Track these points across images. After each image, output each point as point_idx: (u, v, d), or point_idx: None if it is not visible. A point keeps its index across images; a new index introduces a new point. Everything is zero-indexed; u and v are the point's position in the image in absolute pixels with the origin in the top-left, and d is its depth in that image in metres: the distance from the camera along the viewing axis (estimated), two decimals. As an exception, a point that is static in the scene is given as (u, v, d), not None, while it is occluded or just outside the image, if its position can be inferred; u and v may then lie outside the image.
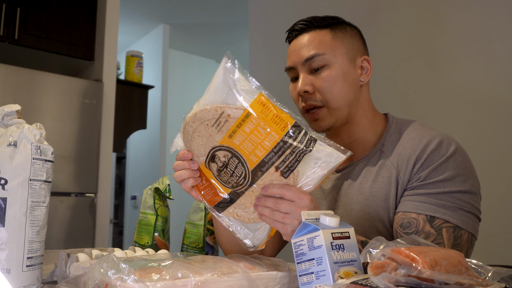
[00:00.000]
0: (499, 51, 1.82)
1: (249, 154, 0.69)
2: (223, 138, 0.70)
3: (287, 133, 0.66)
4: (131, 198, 4.66)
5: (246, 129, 0.68)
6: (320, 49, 0.96)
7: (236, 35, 4.65)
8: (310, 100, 0.96)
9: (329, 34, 0.98)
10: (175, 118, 4.58)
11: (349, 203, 0.97)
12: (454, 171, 0.87)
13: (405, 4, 2.17)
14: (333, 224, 0.62)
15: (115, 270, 0.58)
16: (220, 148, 0.71)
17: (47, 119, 2.44)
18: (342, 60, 0.97)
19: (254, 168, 0.70)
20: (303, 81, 0.96)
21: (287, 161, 0.68)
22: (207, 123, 0.70)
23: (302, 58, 0.96)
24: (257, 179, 0.71)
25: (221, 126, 0.69)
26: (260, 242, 0.78)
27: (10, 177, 0.70)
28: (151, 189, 1.12)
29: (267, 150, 0.68)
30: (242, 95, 0.68)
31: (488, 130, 1.82)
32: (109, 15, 2.80)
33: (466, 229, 0.85)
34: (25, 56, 2.69)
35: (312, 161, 0.70)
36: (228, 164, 0.72)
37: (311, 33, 0.98)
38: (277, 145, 0.67)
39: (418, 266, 0.47)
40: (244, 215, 0.77)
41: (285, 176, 0.69)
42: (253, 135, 0.68)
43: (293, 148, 0.67)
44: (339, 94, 0.95)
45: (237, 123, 0.68)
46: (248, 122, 0.67)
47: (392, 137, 0.97)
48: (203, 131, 0.71)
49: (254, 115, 0.67)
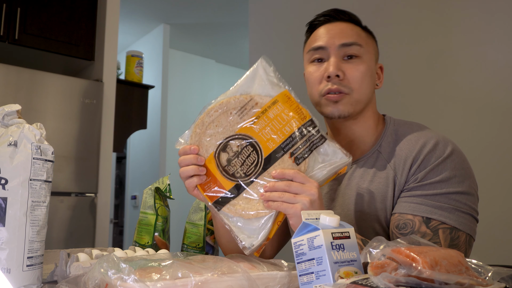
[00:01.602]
0: (499, 52, 1.82)
1: (266, 140, 0.78)
2: (242, 126, 0.79)
3: (305, 123, 0.78)
4: (131, 198, 4.66)
5: (270, 114, 0.78)
6: (359, 40, 0.97)
7: (236, 35, 4.65)
8: (339, 85, 0.94)
9: (363, 32, 1.00)
10: (175, 118, 4.58)
11: (346, 203, 0.97)
12: (451, 172, 0.87)
13: (406, 4, 2.17)
14: (333, 224, 0.62)
15: (115, 270, 0.58)
16: (236, 137, 0.79)
17: (47, 119, 2.44)
18: (371, 59, 0.99)
19: (268, 155, 0.78)
20: (337, 65, 0.94)
21: (301, 148, 0.77)
22: (231, 111, 0.79)
23: (340, 41, 0.96)
24: (269, 167, 0.77)
25: (245, 113, 0.79)
26: (258, 241, 0.77)
27: (10, 177, 0.70)
28: (151, 189, 1.12)
29: (285, 136, 0.77)
30: (272, 87, 0.80)
31: (488, 131, 1.82)
32: (109, 15, 2.80)
33: (463, 230, 0.85)
34: (25, 56, 2.69)
35: (320, 157, 0.78)
36: (240, 153, 0.78)
37: (348, 24, 0.99)
38: (295, 132, 0.77)
39: (418, 266, 0.47)
40: (247, 207, 0.77)
41: (297, 163, 0.77)
42: (276, 121, 0.78)
43: (308, 136, 0.77)
44: (366, 88, 0.96)
45: (263, 109, 0.78)
46: (273, 109, 0.78)
47: (389, 138, 0.97)
48: (223, 120, 0.79)
49: (279, 103, 0.78)
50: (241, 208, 0.77)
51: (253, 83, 0.80)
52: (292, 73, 2.76)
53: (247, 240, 0.77)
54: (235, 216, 0.78)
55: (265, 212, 0.77)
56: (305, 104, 0.81)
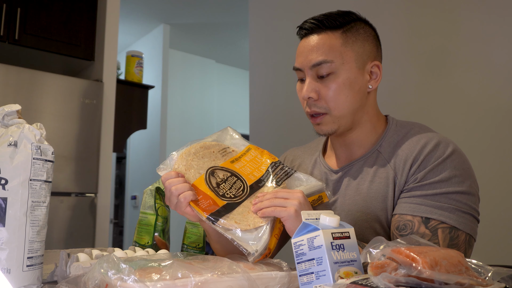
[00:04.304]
0: (502, 52, 1.82)
1: (247, 174, 0.89)
2: (224, 162, 0.90)
3: (276, 162, 0.93)
4: (131, 198, 4.66)
5: (246, 158, 0.93)
6: (328, 55, 0.92)
7: (236, 35, 4.65)
8: (314, 107, 0.95)
9: (340, 38, 0.94)
10: (175, 118, 4.57)
11: (346, 203, 0.97)
12: (451, 172, 0.87)
13: (406, 5, 2.17)
14: (333, 224, 0.62)
15: (115, 270, 0.58)
16: (221, 169, 0.88)
17: (47, 119, 2.44)
18: (350, 68, 0.93)
19: (252, 184, 0.87)
20: (308, 87, 0.94)
21: (278, 175, 0.90)
22: (213, 151, 0.91)
23: (310, 63, 0.94)
24: (255, 191, 0.86)
25: (225, 154, 0.92)
26: (262, 246, 0.77)
27: (10, 177, 0.70)
28: (151, 189, 1.12)
29: (262, 172, 0.91)
30: (242, 142, 0.96)
31: (489, 132, 1.82)
32: (109, 15, 2.80)
33: (463, 230, 0.85)
34: (25, 56, 2.69)
35: (296, 182, 0.91)
36: (226, 180, 0.86)
37: (322, 36, 0.94)
38: (269, 167, 0.91)
39: (418, 266, 0.47)
40: (243, 220, 0.79)
41: (278, 184, 0.89)
42: (252, 163, 0.92)
43: (281, 168, 0.92)
44: (343, 103, 0.94)
45: (239, 155, 0.93)
46: (248, 154, 0.93)
47: (390, 138, 0.97)
48: (207, 155, 0.90)
49: (252, 150, 0.95)
50: (238, 220, 0.79)
51: (225, 140, 0.96)
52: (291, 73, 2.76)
53: (249, 247, 0.77)
54: (232, 227, 0.78)
55: (260, 221, 0.79)
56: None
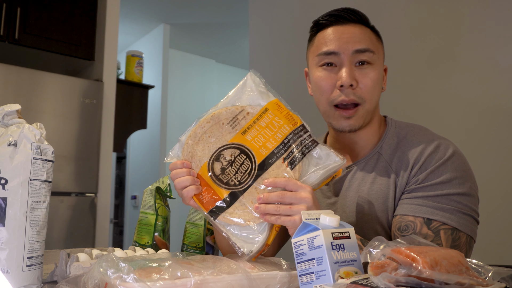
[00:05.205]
0: (500, 53, 1.82)
1: (259, 147, 0.79)
2: (235, 136, 0.80)
3: (296, 129, 0.79)
4: (131, 198, 4.66)
5: (261, 123, 0.80)
6: (371, 46, 0.92)
7: (236, 35, 4.65)
8: (352, 95, 0.90)
9: (373, 34, 0.95)
10: (175, 118, 4.57)
11: (347, 205, 0.97)
12: (451, 174, 0.87)
13: (406, 5, 2.17)
14: (334, 224, 0.62)
15: (115, 269, 0.58)
16: (229, 146, 0.80)
17: (47, 119, 2.44)
18: (381, 64, 0.95)
19: (262, 161, 0.78)
20: (350, 74, 0.89)
21: (294, 152, 0.78)
22: (222, 122, 0.81)
23: (354, 47, 0.90)
24: (263, 173, 0.78)
25: (237, 123, 0.80)
26: (257, 247, 0.77)
27: (10, 177, 0.70)
28: (151, 189, 1.12)
29: (277, 142, 0.78)
30: (262, 97, 0.81)
31: (488, 133, 1.82)
32: (109, 15, 2.80)
33: (464, 231, 0.85)
34: (25, 56, 2.69)
35: (314, 160, 0.79)
36: (233, 161, 0.79)
37: (360, 27, 0.93)
38: (287, 137, 0.78)
39: (418, 266, 0.47)
40: (243, 214, 0.77)
41: (291, 168, 0.77)
42: (267, 129, 0.79)
43: (300, 141, 0.78)
44: (375, 97, 0.93)
45: (254, 118, 0.80)
46: (264, 117, 0.80)
47: (390, 140, 0.97)
48: (215, 130, 0.81)
49: (270, 111, 0.80)
50: (237, 215, 0.78)
51: (243, 94, 0.82)
52: (291, 73, 2.76)
53: (245, 246, 0.77)
54: (231, 224, 0.78)
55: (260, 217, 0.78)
56: (296, 111, 0.81)
